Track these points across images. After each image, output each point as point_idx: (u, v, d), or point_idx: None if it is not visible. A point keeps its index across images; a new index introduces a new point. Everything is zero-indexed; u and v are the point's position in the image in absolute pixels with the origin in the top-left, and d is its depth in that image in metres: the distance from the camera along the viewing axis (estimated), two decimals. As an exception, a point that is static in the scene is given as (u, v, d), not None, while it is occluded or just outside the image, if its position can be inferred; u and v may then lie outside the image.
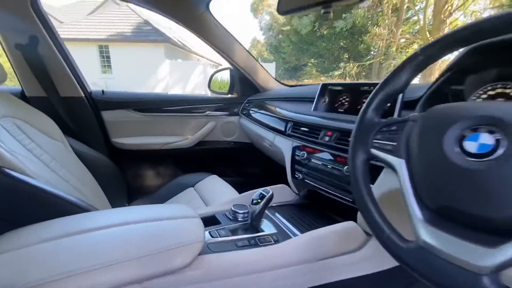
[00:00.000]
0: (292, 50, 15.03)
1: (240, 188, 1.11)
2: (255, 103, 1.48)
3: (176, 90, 11.07)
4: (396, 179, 0.43)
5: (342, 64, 12.23)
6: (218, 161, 1.72)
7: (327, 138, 0.85)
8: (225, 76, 1.76)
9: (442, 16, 8.17)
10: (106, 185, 1.13)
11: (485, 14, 8.13)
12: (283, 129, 1.08)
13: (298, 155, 0.99)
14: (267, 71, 1.59)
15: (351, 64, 11.62)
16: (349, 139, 0.74)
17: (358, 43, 12.47)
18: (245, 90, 1.62)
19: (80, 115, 1.31)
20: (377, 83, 0.68)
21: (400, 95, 0.73)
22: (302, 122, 0.98)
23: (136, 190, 1.52)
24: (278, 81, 1.65)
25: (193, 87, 11.23)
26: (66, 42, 1.25)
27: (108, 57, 10.83)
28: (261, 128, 1.30)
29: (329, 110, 0.94)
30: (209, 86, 1.74)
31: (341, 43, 12.96)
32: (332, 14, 0.92)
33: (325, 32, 12.34)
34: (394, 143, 0.44)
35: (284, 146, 1.07)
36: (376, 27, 10.69)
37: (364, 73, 12.08)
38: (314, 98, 1.04)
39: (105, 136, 1.41)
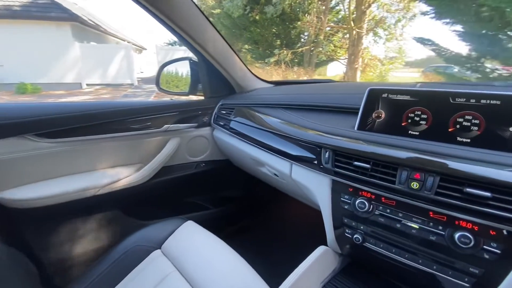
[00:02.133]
0: (224, 34, 14.39)
1: (230, 225, 0.72)
2: (236, 109, 1.05)
3: (93, 80, 9.24)
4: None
5: (276, 51, 12.37)
6: (187, 193, 1.24)
7: (416, 185, 0.53)
8: (183, 69, 1.26)
9: (363, 7, 8.88)
10: None
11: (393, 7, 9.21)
12: (312, 157, 0.71)
13: (347, 202, 0.64)
14: (244, 64, 1.17)
15: (285, 51, 11.84)
16: (467, 189, 0.43)
17: (290, 30, 12.75)
18: (216, 90, 1.17)
19: None
20: (486, 93, 0.52)
21: None
22: (352, 152, 0.62)
23: (55, 274, 0.93)
24: (257, 77, 1.25)
25: (115, 75, 9.56)
26: None
27: (-13, 38, 8.20)
28: (254, 148, 0.91)
29: (392, 132, 0.61)
30: (157, 84, 1.22)
31: (274, 30, 13.03)
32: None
33: (257, 17, 12.13)
34: None
35: (315, 184, 0.71)
36: (306, 15, 11.02)
37: (297, 60, 12.50)
38: (343, 106, 0.71)
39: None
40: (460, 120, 0.54)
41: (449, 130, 0.55)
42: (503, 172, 0.45)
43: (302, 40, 13.20)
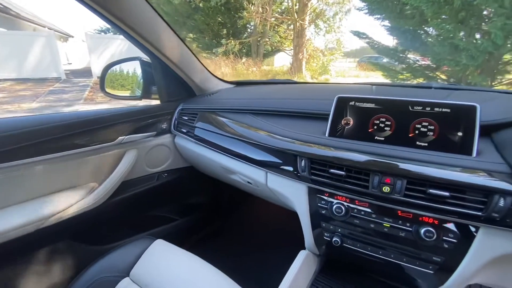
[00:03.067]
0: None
1: (201, 233, 0.69)
2: (200, 114, 0.99)
3: (5, 74, 7.71)
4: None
5: (223, 41, 12.10)
6: (151, 207, 1.14)
7: (387, 189, 0.57)
8: (129, 67, 1.13)
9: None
10: None
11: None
12: (288, 166, 0.71)
13: (324, 208, 0.67)
14: (202, 64, 1.10)
15: (233, 41, 11.67)
16: (430, 190, 0.50)
17: (236, 19, 12.56)
18: (174, 93, 1.09)
19: None
20: (440, 102, 0.59)
21: (478, 120, 0.54)
22: (329, 160, 0.65)
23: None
24: (217, 78, 1.20)
25: (35, 67, 8.12)
26: None
27: None
28: (225, 156, 0.88)
29: (360, 138, 0.65)
30: (102, 88, 1.09)
31: (219, 18, 12.68)
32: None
33: (200, 5, 11.62)
34: None
35: (293, 192, 0.72)
36: (251, 5, 10.96)
37: (245, 50, 12.45)
38: (314, 112, 0.73)
39: None
40: (419, 126, 0.60)
41: (410, 135, 0.61)
42: (456, 173, 0.52)
43: (248, 30, 13.15)
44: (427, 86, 0.89)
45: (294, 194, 0.72)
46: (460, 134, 0.56)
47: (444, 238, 0.56)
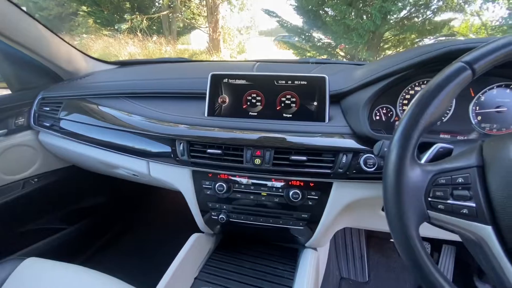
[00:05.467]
0: (47, -9, 10.84)
1: (95, 238, 0.65)
2: (66, 103, 0.83)
3: None
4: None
5: (128, 16, 10.62)
6: (22, 221, 0.93)
7: (258, 161, 0.60)
8: None
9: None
10: None
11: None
12: (168, 151, 0.66)
13: (209, 188, 0.67)
14: (69, 44, 0.91)
15: (139, 17, 10.37)
16: (292, 157, 0.56)
17: (140, -9, 11.10)
18: (30, 79, 0.88)
19: None
20: (296, 75, 0.64)
21: (327, 89, 0.61)
22: (206, 140, 0.63)
23: None
24: (91, 57, 1.03)
25: None
26: None
27: None
28: (101, 150, 0.77)
29: (236, 115, 0.66)
30: None
31: (118, -12, 10.96)
32: None
33: (92, -29, 9.76)
34: (469, 204, 0.32)
35: (177, 178, 0.69)
36: (155, -26, 9.83)
37: (155, 27, 11.25)
38: (195, 92, 0.70)
39: None
40: (283, 99, 0.64)
41: (277, 108, 0.64)
42: (310, 138, 0.58)
43: (157, 4, 11.83)
44: (305, 61, 0.97)
45: (178, 180, 0.69)
46: (315, 103, 0.62)
47: (308, 197, 0.63)
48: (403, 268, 1.05)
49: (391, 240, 0.35)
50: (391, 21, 5.19)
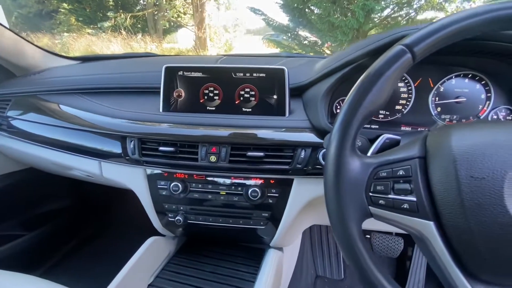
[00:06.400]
0: (25, -13, 10.45)
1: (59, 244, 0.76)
2: (15, 100, 0.77)
3: None
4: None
5: (111, 14, 10.36)
6: None
7: (213, 158, 0.56)
8: None
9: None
10: None
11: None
12: (118, 149, 0.62)
13: (164, 188, 0.63)
14: (23, 38, 0.85)
15: (123, 15, 10.12)
16: (248, 153, 0.53)
17: (123, -12, 10.86)
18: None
19: None
20: (254, 67, 0.59)
21: (287, 82, 0.58)
22: (158, 137, 0.59)
23: None
24: (49, 52, 0.96)
25: None
26: None
27: None
28: (51, 150, 0.71)
29: (193, 110, 0.62)
30: None
31: (100, -14, 10.68)
32: None
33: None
34: (410, 198, 0.29)
35: (131, 179, 0.65)
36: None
37: (140, 26, 11.02)
38: (152, 87, 0.66)
39: None
40: (242, 92, 0.60)
41: (236, 102, 0.61)
42: (269, 133, 0.55)
43: (141, 2, 11.58)
44: (276, 55, 0.93)
45: (132, 181, 0.64)
46: (275, 97, 0.59)
47: (268, 195, 0.60)
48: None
49: (367, 236, 0.32)
50: (375, 20, 5.25)
